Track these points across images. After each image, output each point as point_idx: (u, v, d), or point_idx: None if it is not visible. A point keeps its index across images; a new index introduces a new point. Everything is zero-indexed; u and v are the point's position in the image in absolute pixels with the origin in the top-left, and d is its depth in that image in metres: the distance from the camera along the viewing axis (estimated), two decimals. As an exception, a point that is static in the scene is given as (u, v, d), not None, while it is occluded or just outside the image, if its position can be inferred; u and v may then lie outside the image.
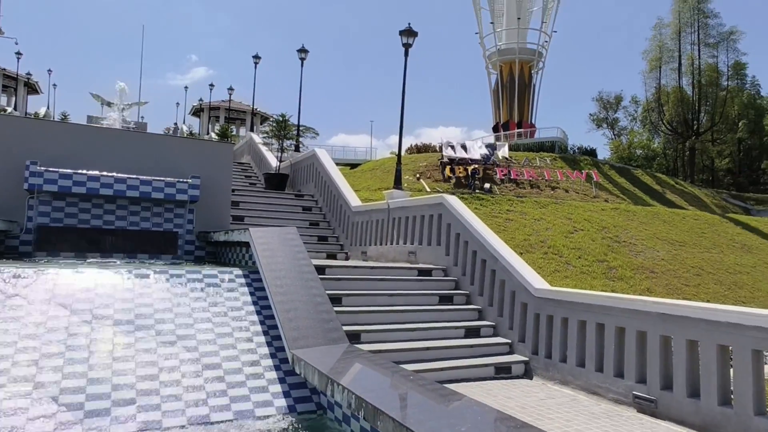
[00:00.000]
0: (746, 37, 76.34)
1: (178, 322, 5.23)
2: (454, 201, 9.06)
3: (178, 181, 8.75)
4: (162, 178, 8.64)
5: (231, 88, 40.50)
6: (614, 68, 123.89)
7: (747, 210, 39.90)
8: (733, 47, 51.71)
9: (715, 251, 21.45)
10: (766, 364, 4.66)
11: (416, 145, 39.49)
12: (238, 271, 6.36)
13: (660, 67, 52.33)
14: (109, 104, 18.54)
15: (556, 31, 50.53)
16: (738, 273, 19.42)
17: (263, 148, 18.65)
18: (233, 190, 11.22)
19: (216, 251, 9.03)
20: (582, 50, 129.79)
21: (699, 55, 50.98)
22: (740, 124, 61.50)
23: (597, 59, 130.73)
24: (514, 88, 49.04)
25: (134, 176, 8.46)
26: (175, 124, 47.68)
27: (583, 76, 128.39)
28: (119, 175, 8.38)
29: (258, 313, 5.72)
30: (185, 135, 40.07)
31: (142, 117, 39.89)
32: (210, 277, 6.08)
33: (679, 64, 51.44)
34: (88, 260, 7.80)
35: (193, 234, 9.12)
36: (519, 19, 48.54)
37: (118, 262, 7.51)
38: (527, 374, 6.93)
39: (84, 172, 8.16)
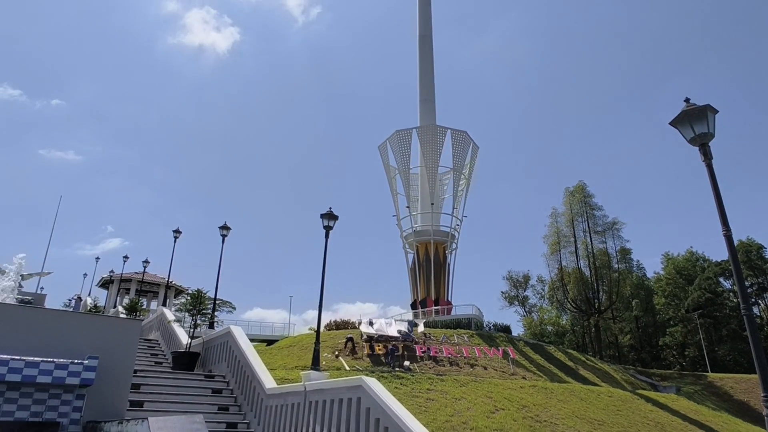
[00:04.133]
0: (627, 227, 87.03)
1: None
2: (373, 383, 8.73)
3: (71, 363, 7.89)
4: (52, 360, 7.77)
5: (146, 261, 39.24)
6: (521, 249, 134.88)
7: (654, 386, 41.50)
8: (617, 235, 58.73)
9: (633, 431, 21.58)
10: None
11: (335, 321, 39.00)
12: (127, 471, 5.51)
13: (559, 251, 57.82)
14: (2, 272, 17.23)
15: (466, 216, 55.38)
16: (657, 453, 19.41)
17: (174, 325, 17.66)
18: (135, 371, 10.23)
19: (104, 445, 7.86)
20: (491, 232, 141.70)
21: (591, 241, 57.15)
22: (634, 303, 67.21)
23: (505, 240, 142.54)
24: (431, 267, 51.44)
25: (18, 357, 7.55)
26: (78, 296, 44.53)
27: (494, 256, 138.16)
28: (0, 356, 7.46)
29: None
30: (88, 308, 37.35)
31: (42, 288, 37.20)
32: (92, 480, 5.20)
33: (576, 248, 57.14)
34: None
35: (79, 424, 7.97)
36: (432, 204, 53.05)
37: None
38: None
39: (-42, 352, 7.21)
